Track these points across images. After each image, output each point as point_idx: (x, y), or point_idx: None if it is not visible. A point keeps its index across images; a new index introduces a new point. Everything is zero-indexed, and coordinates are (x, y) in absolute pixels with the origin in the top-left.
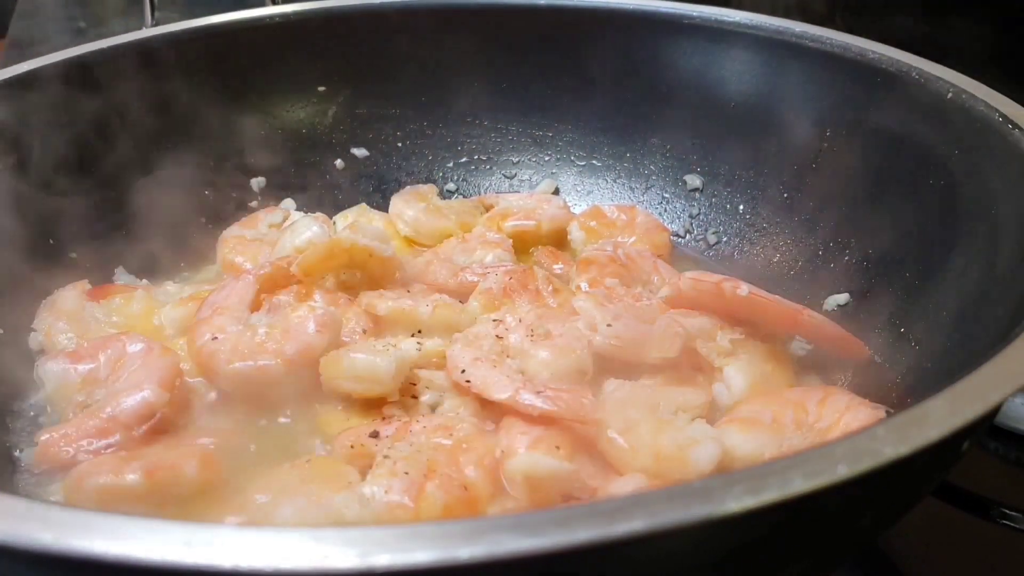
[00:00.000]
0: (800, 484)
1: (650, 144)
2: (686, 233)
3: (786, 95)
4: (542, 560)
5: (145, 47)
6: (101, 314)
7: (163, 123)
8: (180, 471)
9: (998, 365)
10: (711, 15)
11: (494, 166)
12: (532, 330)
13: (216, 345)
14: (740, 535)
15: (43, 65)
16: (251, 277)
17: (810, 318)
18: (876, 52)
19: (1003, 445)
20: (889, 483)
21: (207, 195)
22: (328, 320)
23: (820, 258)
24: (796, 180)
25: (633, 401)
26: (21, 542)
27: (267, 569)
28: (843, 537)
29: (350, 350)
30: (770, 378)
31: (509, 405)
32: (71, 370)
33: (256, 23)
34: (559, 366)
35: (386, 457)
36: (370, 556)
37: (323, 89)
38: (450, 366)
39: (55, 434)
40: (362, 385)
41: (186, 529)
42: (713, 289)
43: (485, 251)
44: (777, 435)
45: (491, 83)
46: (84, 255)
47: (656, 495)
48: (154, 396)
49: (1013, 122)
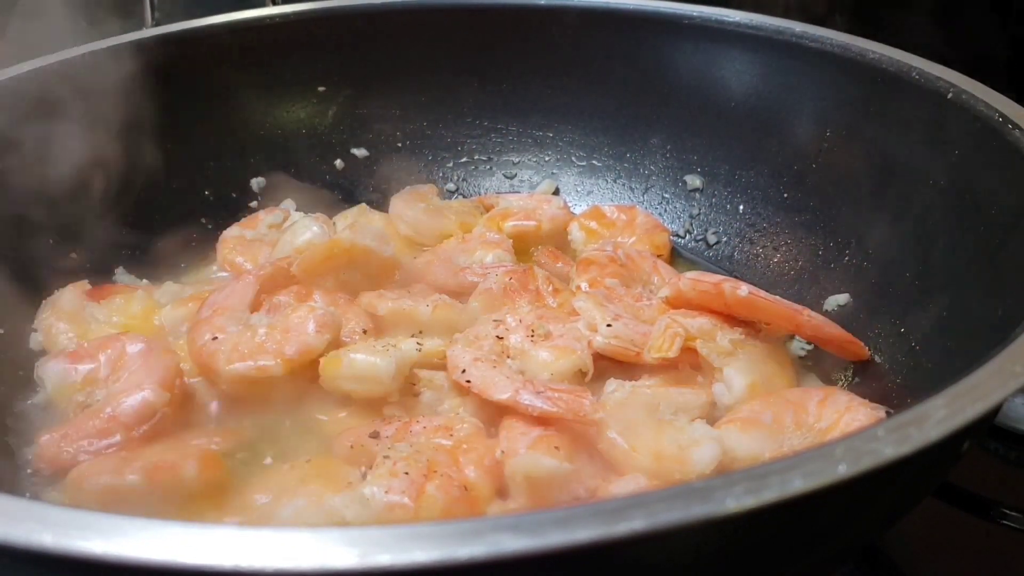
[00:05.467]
0: (800, 484)
1: (650, 144)
2: (686, 233)
3: (786, 95)
4: (542, 560)
5: (145, 47)
6: (101, 314)
7: (163, 123)
8: (180, 471)
9: (998, 365)
10: (711, 15)
11: (494, 166)
12: (532, 330)
13: (216, 345)
14: (740, 535)
15: (43, 65)
16: (251, 277)
17: (810, 318)
18: (876, 52)
19: (1003, 445)
20: (889, 483)
21: (207, 195)
22: (328, 320)
23: (820, 258)
24: (796, 180)
25: (633, 401)
26: (21, 542)
27: (267, 569)
28: (843, 537)
29: (350, 350)
30: (770, 378)
31: (509, 405)
32: (71, 370)
33: (256, 23)
34: (559, 366)
35: (386, 457)
36: (370, 556)
37: (323, 89)
38: (450, 366)
39: (55, 434)
40: (362, 385)
41: (186, 529)
42: (713, 289)
43: (485, 251)
44: (777, 435)
45: (491, 83)
46: (84, 255)
47: (656, 495)
48: (154, 396)
49: (1013, 122)
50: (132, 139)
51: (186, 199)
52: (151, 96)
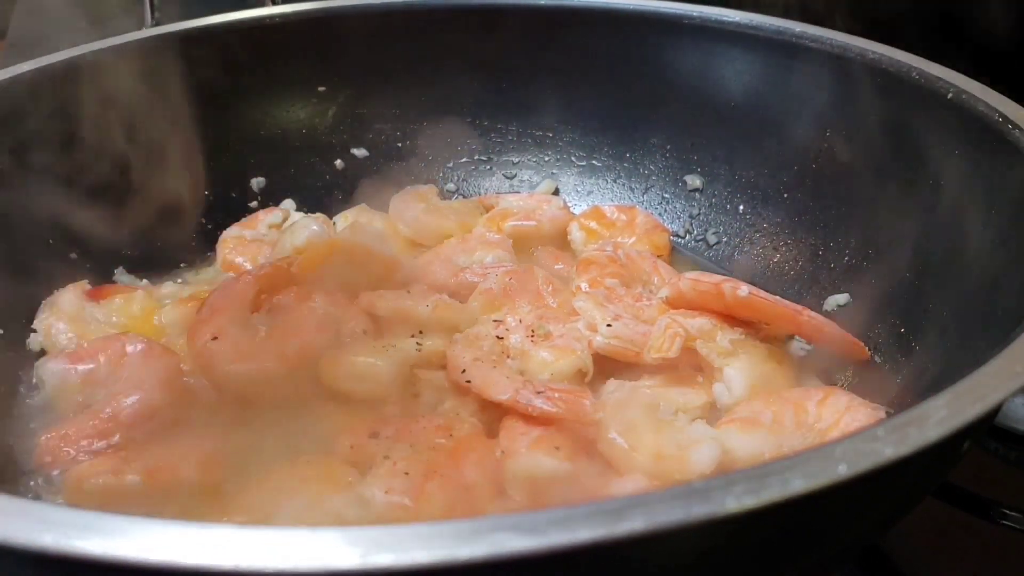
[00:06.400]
0: (800, 484)
1: (650, 144)
2: (686, 233)
3: (786, 95)
4: (542, 560)
5: (145, 47)
6: (101, 314)
7: (163, 123)
8: (180, 471)
9: (998, 365)
10: (711, 15)
11: (494, 166)
12: (532, 330)
13: (216, 345)
14: (740, 535)
15: (43, 65)
16: (251, 277)
17: (810, 318)
18: (876, 52)
19: (1003, 445)
20: (889, 483)
21: (207, 195)
22: (328, 320)
23: (820, 258)
24: (796, 180)
25: (633, 402)
26: (21, 542)
27: (267, 569)
28: (843, 537)
29: (350, 350)
30: (770, 378)
31: (509, 405)
32: (71, 370)
33: (256, 23)
34: (559, 366)
35: (386, 457)
36: (370, 556)
37: (323, 89)
38: (450, 366)
39: (55, 434)
40: (362, 385)
41: (186, 529)
42: (713, 289)
43: (485, 251)
44: (777, 435)
45: (491, 83)
46: (84, 255)
47: (656, 495)
48: (154, 396)
49: (1013, 122)
50: (132, 139)
51: (186, 199)
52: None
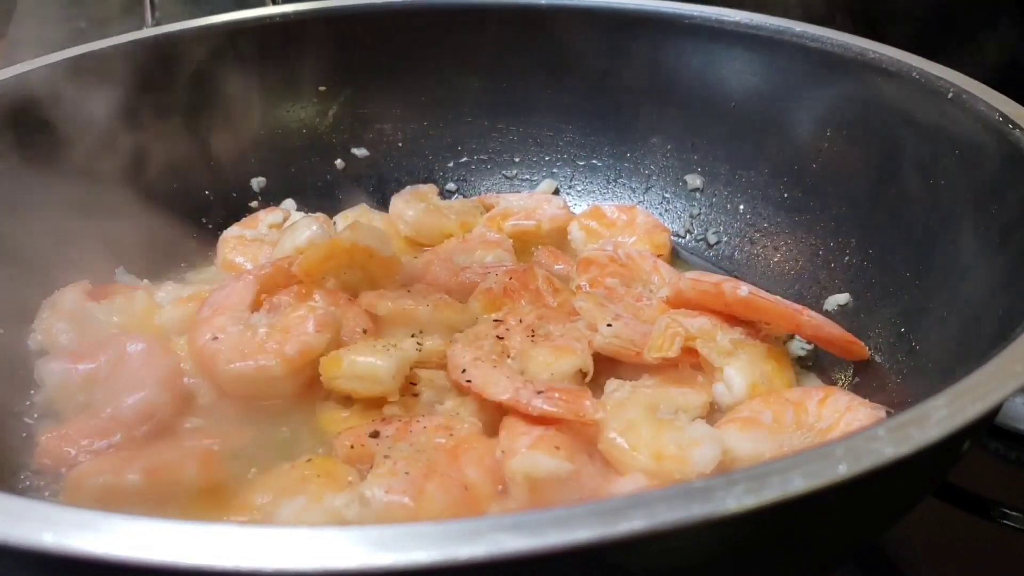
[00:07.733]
0: (800, 484)
1: (650, 144)
2: (686, 233)
3: (786, 95)
4: (542, 560)
5: (145, 47)
6: (101, 314)
7: (163, 123)
8: (180, 471)
9: (998, 365)
10: (711, 15)
11: (494, 166)
12: (532, 330)
13: (216, 345)
14: (740, 535)
15: (43, 65)
16: (251, 277)
17: (810, 318)
18: (876, 52)
19: (1003, 445)
20: (889, 483)
21: (207, 195)
22: (328, 320)
23: (820, 258)
24: (796, 180)
25: (633, 401)
26: (21, 542)
27: (268, 569)
28: (843, 537)
29: (350, 350)
30: (770, 378)
31: (509, 405)
32: (71, 370)
33: (256, 23)
34: (559, 366)
35: (386, 457)
36: (370, 556)
37: (323, 89)
38: (450, 366)
39: (55, 434)
40: (362, 385)
41: (186, 529)
42: (713, 289)
43: (485, 251)
44: (777, 435)
45: (491, 83)
46: (84, 255)
47: (656, 495)
48: (154, 396)
49: (1013, 122)
50: (132, 139)
51: (186, 199)
52: (151, 96)
